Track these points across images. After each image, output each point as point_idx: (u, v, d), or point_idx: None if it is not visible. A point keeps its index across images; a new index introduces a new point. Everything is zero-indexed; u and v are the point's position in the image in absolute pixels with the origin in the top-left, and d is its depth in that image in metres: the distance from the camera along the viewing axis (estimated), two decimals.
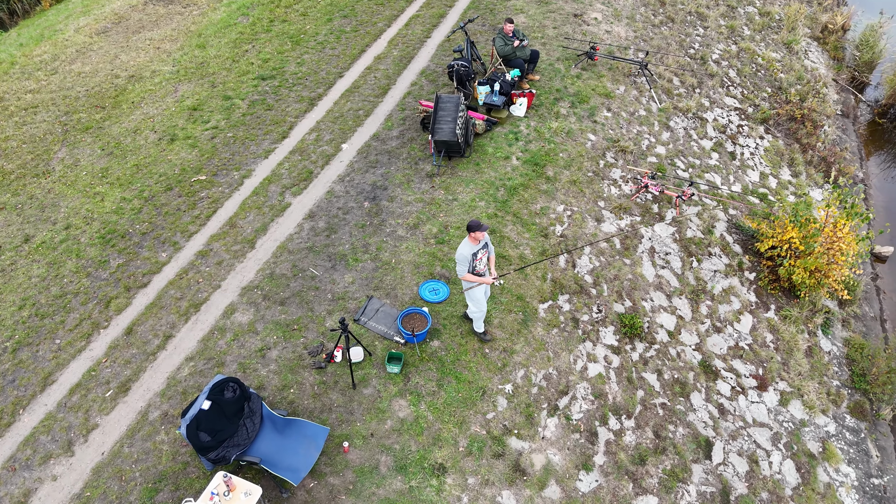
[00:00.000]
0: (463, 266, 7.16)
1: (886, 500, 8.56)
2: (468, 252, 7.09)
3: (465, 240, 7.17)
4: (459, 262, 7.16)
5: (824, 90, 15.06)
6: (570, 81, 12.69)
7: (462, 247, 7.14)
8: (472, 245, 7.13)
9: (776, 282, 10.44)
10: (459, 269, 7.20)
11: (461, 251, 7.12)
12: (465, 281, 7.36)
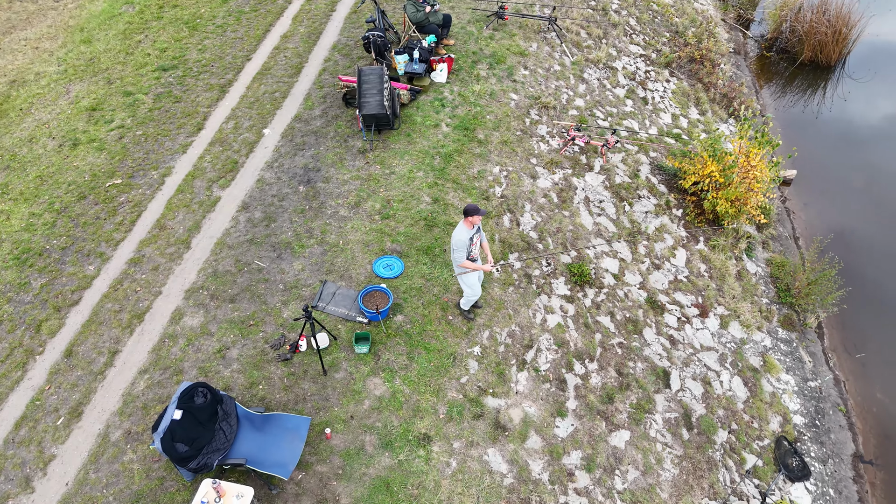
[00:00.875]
0: (462, 252, 7.08)
1: (823, 398, 9.40)
2: (466, 237, 7.00)
3: (461, 224, 7.07)
4: (457, 248, 7.05)
5: (716, 30, 15.87)
6: (484, 43, 12.73)
7: (459, 232, 7.02)
8: (468, 230, 7.05)
9: (702, 215, 11.06)
10: (458, 256, 7.11)
11: (459, 236, 7.01)
12: (461, 267, 7.26)
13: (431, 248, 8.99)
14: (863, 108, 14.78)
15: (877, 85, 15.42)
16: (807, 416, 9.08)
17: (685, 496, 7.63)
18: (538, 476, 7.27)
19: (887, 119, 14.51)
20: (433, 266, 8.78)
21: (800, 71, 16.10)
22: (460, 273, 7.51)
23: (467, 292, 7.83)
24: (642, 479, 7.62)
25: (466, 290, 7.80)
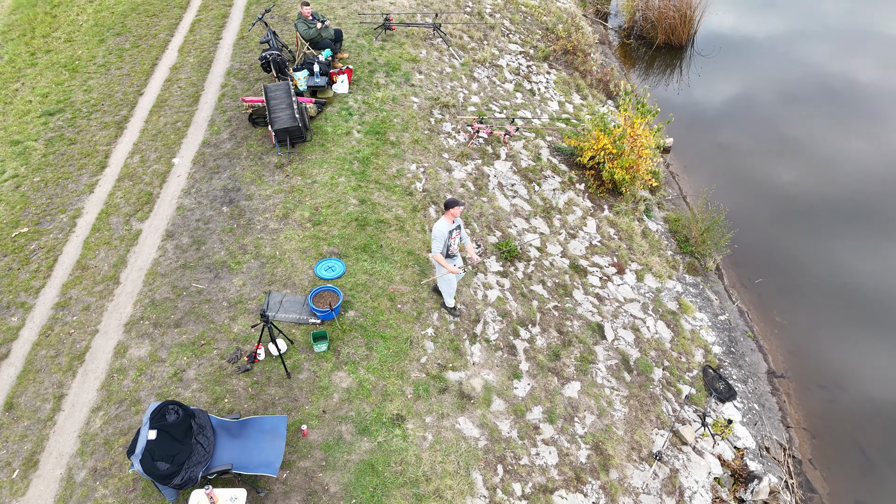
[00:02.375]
0: (438, 243, 7.34)
1: (733, 328, 10.56)
2: (445, 229, 7.33)
3: (443, 217, 7.42)
4: (436, 238, 7.33)
5: (581, 24, 17.33)
6: (377, 53, 13.24)
7: (440, 223, 7.37)
8: (448, 223, 7.39)
9: (602, 185, 12.10)
10: (435, 246, 7.40)
11: (439, 227, 7.32)
12: (437, 264, 7.61)
13: (368, 245, 9.30)
14: (714, 79, 16.66)
15: (722, 58, 17.43)
16: (723, 345, 10.17)
17: (638, 430, 8.38)
18: (508, 434, 7.74)
19: (735, 85, 16.45)
20: (373, 262, 9.09)
21: (657, 53, 17.89)
22: (441, 274, 7.91)
23: (444, 288, 8.21)
24: (599, 422, 8.28)
25: (443, 286, 8.18)
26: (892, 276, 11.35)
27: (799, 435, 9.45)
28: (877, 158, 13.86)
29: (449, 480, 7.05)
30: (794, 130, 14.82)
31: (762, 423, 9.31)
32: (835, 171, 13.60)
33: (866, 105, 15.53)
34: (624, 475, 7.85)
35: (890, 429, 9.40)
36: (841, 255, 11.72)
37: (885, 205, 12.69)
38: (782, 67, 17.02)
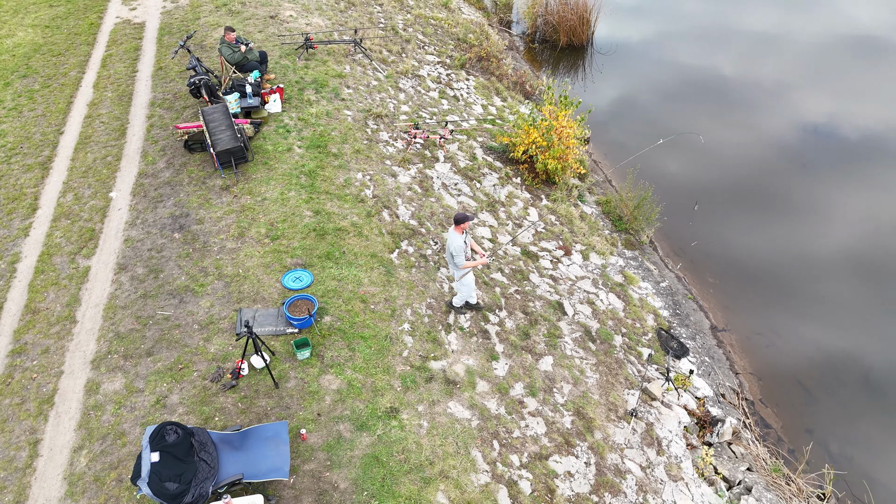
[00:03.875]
0: (461, 256, 7.85)
1: (674, 293, 11.40)
2: (460, 241, 7.79)
3: (453, 232, 7.85)
4: (457, 253, 7.80)
5: (489, 33, 18.16)
6: (303, 72, 13.38)
7: (455, 239, 7.80)
8: (460, 235, 7.83)
9: (536, 177, 12.76)
10: (459, 260, 7.88)
11: (456, 243, 7.77)
12: (462, 269, 8.04)
13: (331, 253, 9.42)
14: (615, 73, 17.89)
15: (619, 55, 18.74)
16: (669, 308, 10.98)
17: (611, 392, 8.93)
18: (497, 412, 8.08)
19: (634, 76, 17.75)
20: (339, 268, 9.22)
21: (562, 54, 18.99)
22: (462, 276, 8.32)
23: (464, 292, 8.60)
24: (575, 390, 8.77)
25: (463, 290, 8.57)
26: (806, 230, 12.63)
27: (747, 379, 10.33)
28: (760, 128, 15.37)
29: (451, 461, 7.29)
30: (689, 111, 16.18)
31: (715, 373, 10.11)
32: (727, 142, 14.96)
33: (743, 86, 17.19)
34: (607, 434, 8.35)
35: (819, 362, 10.43)
36: (755, 216, 12.91)
37: (779, 164, 14.10)
38: (670, 58, 18.55)
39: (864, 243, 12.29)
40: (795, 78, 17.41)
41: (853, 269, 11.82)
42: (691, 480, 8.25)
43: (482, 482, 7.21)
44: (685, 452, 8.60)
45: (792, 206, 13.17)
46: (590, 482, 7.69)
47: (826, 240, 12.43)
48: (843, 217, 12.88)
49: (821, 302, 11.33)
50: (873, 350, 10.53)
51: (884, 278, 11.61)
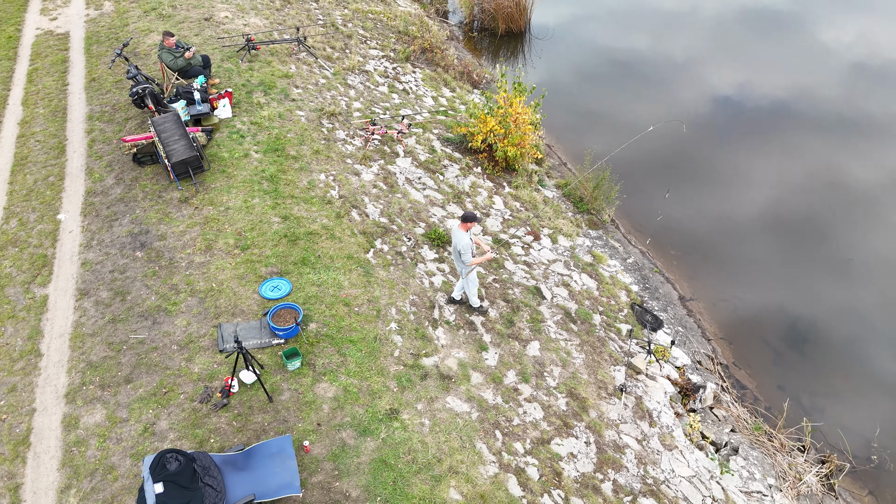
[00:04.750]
0: (468, 254, 7.88)
1: (641, 268, 11.69)
2: (468, 238, 7.85)
3: (459, 229, 7.89)
4: (465, 250, 7.83)
5: (429, 24, 18.04)
6: (248, 75, 12.94)
7: (462, 236, 7.83)
8: (466, 232, 7.87)
9: (496, 165, 12.79)
10: (467, 257, 7.91)
11: (464, 241, 7.80)
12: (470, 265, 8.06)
13: (306, 258, 9.18)
14: (555, 56, 18.13)
15: (556, 39, 19.00)
16: (639, 283, 11.26)
17: (598, 370, 9.09)
18: (494, 402, 8.09)
19: (573, 57, 18.06)
20: (317, 273, 9.00)
21: (502, 42, 19.09)
22: (468, 272, 8.34)
23: (470, 287, 8.63)
24: (565, 372, 8.88)
25: (470, 286, 8.60)
26: (757, 197, 13.17)
27: (719, 344, 10.72)
28: (698, 101, 15.94)
29: (458, 456, 7.25)
30: (632, 89, 16.61)
31: (690, 342, 10.45)
32: (671, 110, 15.44)
33: (676, 61, 17.78)
34: (601, 412, 8.50)
35: (781, 321, 10.93)
36: (707, 188, 13.37)
37: (719, 133, 14.65)
38: (603, 40, 18.98)
39: (813, 207, 12.93)
40: (726, 50, 18.12)
41: (803, 230, 12.42)
42: (685, 448, 8.50)
43: (491, 473, 7.21)
44: (675, 421, 8.86)
45: (741, 175, 13.70)
46: (592, 461, 7.81)
47: (777, 205, 13.01)
48: (793, 182, 13.51)
49: (776, 264, 11.86)
50: (827, 306, 11.12)
51: (833, 237, 12.25)
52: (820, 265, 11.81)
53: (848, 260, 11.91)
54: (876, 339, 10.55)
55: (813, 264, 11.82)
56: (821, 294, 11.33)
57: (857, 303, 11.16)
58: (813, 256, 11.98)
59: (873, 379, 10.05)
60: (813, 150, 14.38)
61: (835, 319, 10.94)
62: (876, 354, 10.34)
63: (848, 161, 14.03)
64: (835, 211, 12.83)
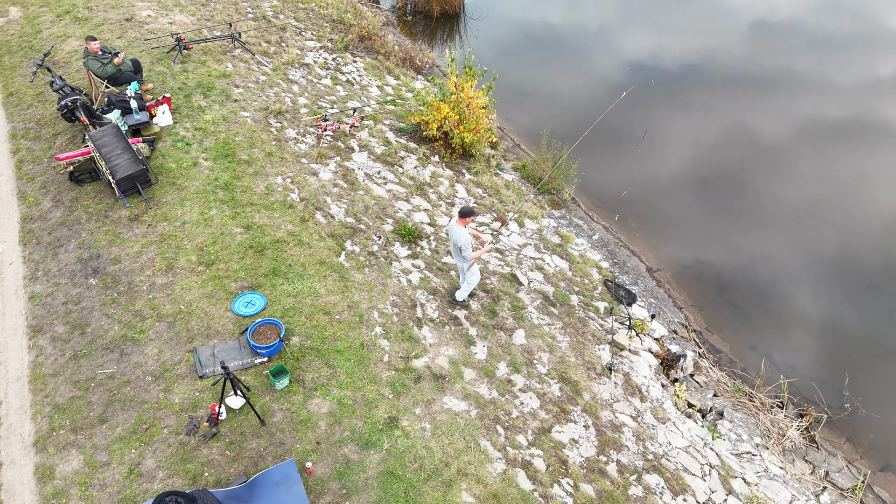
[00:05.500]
0: (469, 249, 7.91)
1: (607, 243, 11.78)
2: (467, 234, 7.84)
3: (458, 225, 7.86)
4: (466, 246, 7.86)
5: (363, 11, 17.49)
6: (183, 77, 12.18)
7: (463, 232, 7.82)
8: (466, 227, 7.86)
9: (454, 152, 12.57)
10: (468, 253, 7.95)
11: (465, 236, 7.81)
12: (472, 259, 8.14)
13: (276, 268, 8.75)
14: (491, 36, 17.97)
15: (491, 18, 18.84)
16: (608, 259, 11.34)
17: (584, 351, 9.10)
18: (490, 396, 7.96)
19: (509, 36, 17.99)
20: (291, 283, 8.59)
21: (438, 24, 18.77)
22: (469, 266, 8.34)
23: (472, 281, 8.60)
24: (553, 357, 8.84)
25: (472, 280, 8.57)
26: (702, 158, 13.46)
27: (690, 312, 10.95)
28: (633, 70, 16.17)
29: (464, 457, 7.10)
30: (569, 62, 16.70)
31: (663, 312, 10.62)
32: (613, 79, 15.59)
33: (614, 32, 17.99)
34: (594, 394, 8.52)
35: (743, 282, 11.25)
36: (656, 157, 13.58)
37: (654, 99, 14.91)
38: (536, 17, 19.00)
39: (759, 167, 13.33)
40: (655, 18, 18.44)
41: (755, 191, 12.80)
42: (677, 419, 8.65)
43: (499, 470, 7.11)
44: (663, 393, 8.99)
45: (689, 140, 13.98)
46: (594, 444, 7.82)
47: (725, 165, 13.34)
48: (739, 144, 13.87)
49: (731, 228, 12.18)
50: (783, 264, 11.52)
51: (784, 196, 12.68)
52: (772, 224, 12.21)
53: (798, 217, 12.36)
54: (834, 292, 11.02)
55: (766, 224, 12.20)
56: (777, 253, 11.72)
57: (812, 258, 11.61)
58: (765, 216, 12.37)
59: (836, 330, 10.49)
60: (756, 111, 14.82)
61: (792, 276, 11.34)
62: (835, 306, 10.80)
63: (796, 119, 14.54)
64: (782, 169, 13.27)
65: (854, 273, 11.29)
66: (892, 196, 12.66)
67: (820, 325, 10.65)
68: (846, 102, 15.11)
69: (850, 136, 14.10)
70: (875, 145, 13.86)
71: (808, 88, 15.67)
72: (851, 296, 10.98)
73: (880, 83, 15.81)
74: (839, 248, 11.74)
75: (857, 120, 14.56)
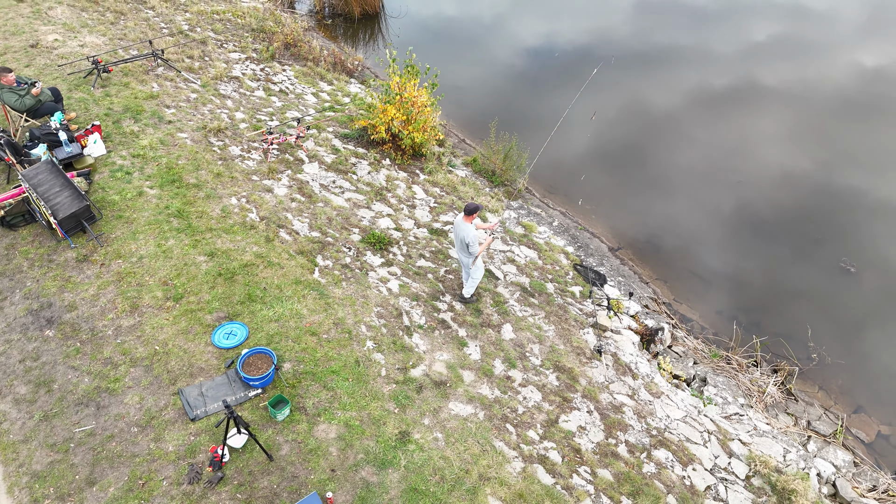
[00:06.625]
0: (476, 245, 8.03)
1: (567, 228, 11.93)
2: (474, 230, 7.98)
3: (464, 221, 7.95)
4: (473, 242, 7.99)
5: (282, 17, 16.90)
6: (108, 102, 11.35)
7: (469, 228, 7.93)
8: (471, 223, 7.96)
9: (404, 154, 12.36)
10: (475, 249, 8.04)
11: (471, 233, 7.93)
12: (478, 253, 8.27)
13: (252, 293, 8.30)
14: (413, 33, 17.86)
15: (412, 15, 18.72)
16: (572, 244, 11.48)
17: (571, 337, 9.17)
18: (494, 396, 7.88)
19: (430, 30, 17.94)
20: (270, 307, 8.17)
21: (360, 25, 18.44)
22: (474, 261, 8.37)
23: (477, 276, 8.66)
24: (544, 347, 8.86)
25: (476, 274, 8.63)
26: (654, 140, 13.86)
27: (656, 285, 11.27)
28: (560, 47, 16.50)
29: (483, 461, 6.99)
30: (489, 50, 16.82)
31: (632, 289, 10.86)
32: (539, 63, 15.85)
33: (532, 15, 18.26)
34: (589, 378, 8.60)
35: (698, 251, 11.69)
36: (600, 137, 13.88)
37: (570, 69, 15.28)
38: (453, 9, 19.02)
39: (696, 134, 13.87)
40: None
41: (695, 159, 13.31)
42: (669, 391, 8.86)
43: (518, 469, 7.04)
44: (651, 368, 9.19)
45: (630, 119, 14.37)
46: (600, 428, 7.89)
47: (667, 140, 13.81)
48: (673, 108, 14.38)
49: (677, 197, 12.62)
50: (731, 228, 12.06)
51: (722, 163, 13.24)
52: (717, 192, 12.74)
53: (737, 182, 12.95)
54: (782, 250, 11.60)
55: (711, 192, 12.71)
56: (725, 219, 12.25)
57: (757, 219, 12.18)
58: (708, 185, 12.89)
59: (790, 285, 11.06)
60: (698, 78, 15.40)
61: (742, 240, 11.87)
62: (786, 263, 11.39)
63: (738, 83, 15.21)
64: (718, 139, 13.86)
65: (799, 230, 11.93)
66: (819, 153, 13.48)
67: (774, 282, 11.20)
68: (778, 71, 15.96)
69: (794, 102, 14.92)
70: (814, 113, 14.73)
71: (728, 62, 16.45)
72: (799, 251, 11.60)
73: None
74: (780, 209, 12.38)
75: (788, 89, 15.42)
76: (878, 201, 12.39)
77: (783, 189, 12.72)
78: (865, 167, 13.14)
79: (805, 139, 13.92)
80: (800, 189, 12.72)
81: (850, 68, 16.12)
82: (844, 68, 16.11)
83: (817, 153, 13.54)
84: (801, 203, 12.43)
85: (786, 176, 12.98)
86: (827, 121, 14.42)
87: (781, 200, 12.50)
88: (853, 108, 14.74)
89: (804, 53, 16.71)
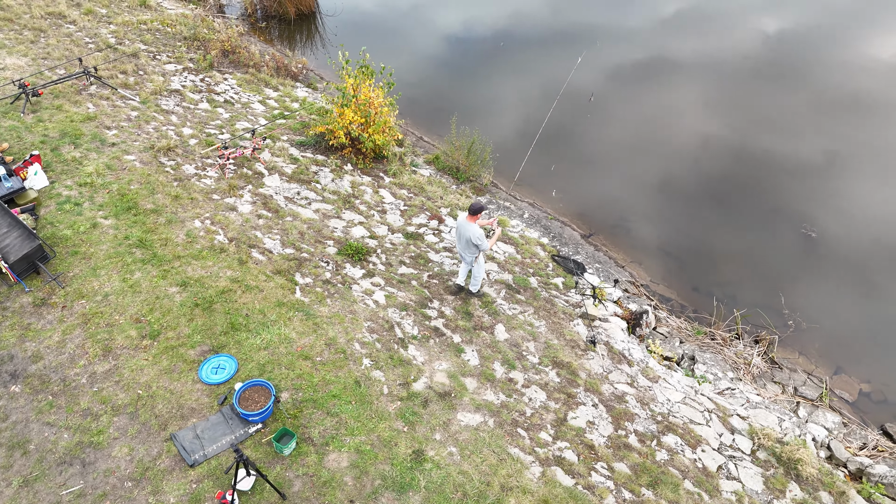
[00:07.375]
0: (484, 241, 8.14)
1: (539, 219, 11.86)
2: (479, 228, 8.09)
3: (468, 221, 8.08)
4: (481, 239, 8.08)
5: (215, 24, 16.09)
6: (40, 128, 10.49)
7: (474, 227, 8.05)
8: (475, 222, 8.08)
9: (365, 157, 11.98)
10: (484, 245, 8.16)
11: (477, 231, 8.05)
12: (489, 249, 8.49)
13: (234, 322, 7.82)
14: (351, 31, 17.42)
15: (347, 13, 18.27)
16: (546, 235, 11.42)
17: (563, 330, 9.10)
18: (500, 401, 7.72)
19: (367, 27, 17.58)
20: (257, 334, 7.73)
21: (297, 26, 17.81)
22: (477, 257, 8.49)
23: (480, 273, 8.82)
24: (539, 343, 8.75)
25: (480, 271, 8.76)
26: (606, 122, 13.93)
27: (632, 268, 11.35)
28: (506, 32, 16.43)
29: (502, 471, 6.83)
30: (434, 41, 16.59)
31: (610, 274, 10.90)
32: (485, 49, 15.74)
33: None
34: (588, 370, 8.55)
35: (666, 230, 11.87)
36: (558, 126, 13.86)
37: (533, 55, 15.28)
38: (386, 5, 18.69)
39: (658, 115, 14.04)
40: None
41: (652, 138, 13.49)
42: (665, 374, 8.91)
43: (537, 474, 6.91)
44: (644, 353, 9.22)
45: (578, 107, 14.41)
46: (608, 421, 7.85)
47: (622, 119, 13.92)
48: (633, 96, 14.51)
49: (637, 178, 12.76)
50: (697, 206, 12.29)
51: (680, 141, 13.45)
52: (675, 170, 12.93)
53: (696, 160, 13.15)
54: (745, 222, 11.89)
55: (669, 170, 12.90)
56: (686, 196, 12.45)
57: (717, 194, 12.44)
58: (665, 162, 13.07)
59: (758, 256, 11.35)
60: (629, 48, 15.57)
61: (706, 216, 12.11)
62: (752, 235, 11.67)
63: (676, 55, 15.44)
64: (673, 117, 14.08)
65: (758, 201, 12.25)
66: (780, 123, 13.89)
67: (742, 254, 11.47)
68: None
69: None
70: None
71: None
72: (762, 221, 11.91)
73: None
74: (738, 181, 12.68)
75: None
76: (828, 166, 12.86)
77: (739, 162, 13.04)
78: (813, 134, 13.62)
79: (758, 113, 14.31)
80: (752, 160, 13.06)
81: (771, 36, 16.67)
82: (761, 36, 16.65)
83: (765, 124, 13.94)
84: (756, 174, 12.77)
85: (736, 148, 13.30)
86: (779, 93, 14.87)
87: (738, 173, 12.81)
88: (798, 76, 15.27)
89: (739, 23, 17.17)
